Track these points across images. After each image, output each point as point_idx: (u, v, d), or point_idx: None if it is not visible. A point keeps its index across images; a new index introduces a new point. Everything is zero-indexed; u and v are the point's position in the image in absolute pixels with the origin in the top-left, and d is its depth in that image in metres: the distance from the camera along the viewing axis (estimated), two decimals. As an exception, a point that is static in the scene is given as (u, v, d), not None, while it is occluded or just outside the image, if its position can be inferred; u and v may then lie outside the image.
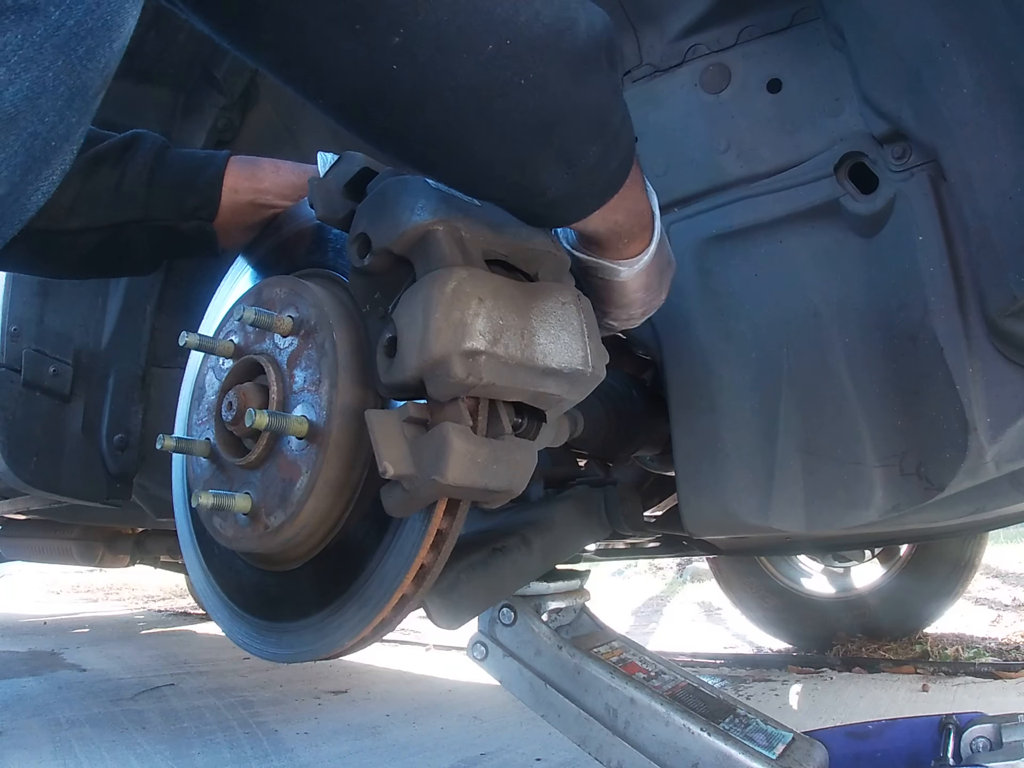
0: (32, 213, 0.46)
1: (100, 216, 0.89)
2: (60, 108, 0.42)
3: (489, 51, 0.51)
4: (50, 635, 3.49)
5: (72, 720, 1.83)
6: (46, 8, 0.39)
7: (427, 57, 0.50)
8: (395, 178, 0.71)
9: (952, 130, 0.81)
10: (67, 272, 1.00)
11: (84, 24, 0.41)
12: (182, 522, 0.96)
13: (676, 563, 5.20)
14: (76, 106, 0.43)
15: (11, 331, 1.42)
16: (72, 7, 0.40)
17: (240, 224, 0.94)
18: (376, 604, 0.71)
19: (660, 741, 0.84)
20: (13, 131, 0.41)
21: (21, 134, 0.41)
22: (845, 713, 1.85)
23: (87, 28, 0.41)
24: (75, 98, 0.43)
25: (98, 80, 0.44)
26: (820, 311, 0.92)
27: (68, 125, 0.43)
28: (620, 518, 1.10)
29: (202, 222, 0.92)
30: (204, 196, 0.91)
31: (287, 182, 0.93)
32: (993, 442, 0.82)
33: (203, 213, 0.92)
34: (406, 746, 1.66)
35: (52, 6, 0.39)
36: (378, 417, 0.64)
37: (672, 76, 1.02)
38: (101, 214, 0.89)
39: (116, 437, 1.54)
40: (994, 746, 0.82)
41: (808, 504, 0.93)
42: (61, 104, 0.42)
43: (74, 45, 0.41)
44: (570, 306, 0.70)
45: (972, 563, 2.53)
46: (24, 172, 0.42)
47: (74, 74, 0.42)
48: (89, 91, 0.43)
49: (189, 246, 0.95)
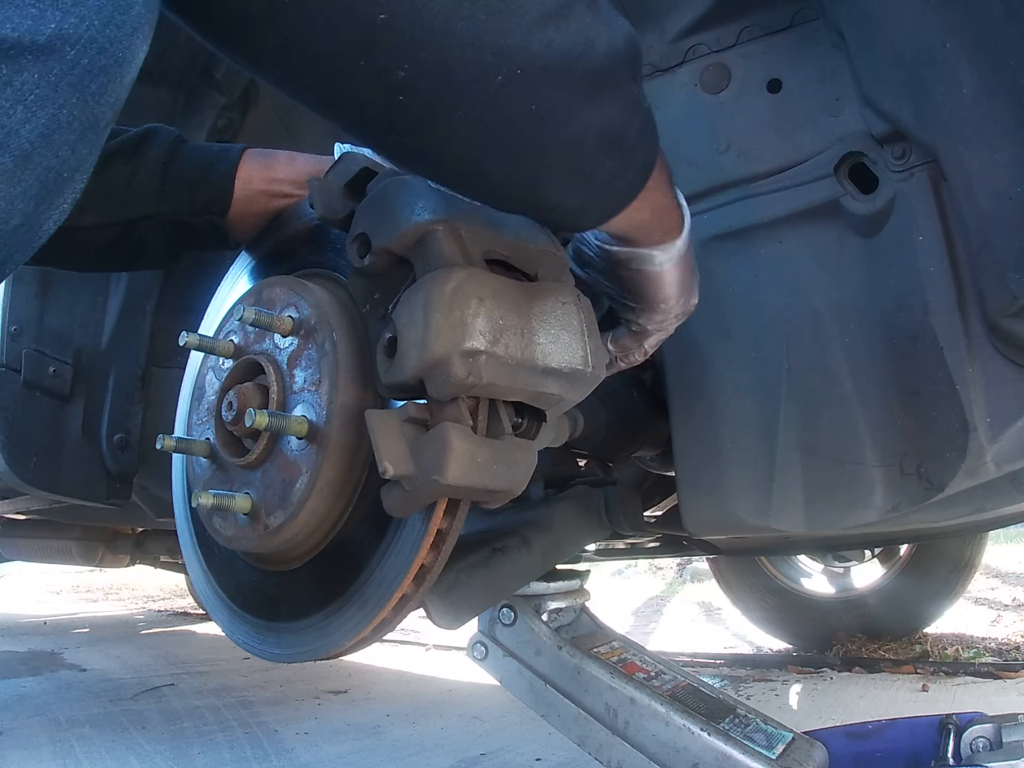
0: (44, 240, 0.47)
1: (113, 212, 0.89)
2: (73, 142, 0.43)
3: (498, 82, 0.50)
4: (50, 635, 3.49)
5: (72, 720, 1.83)
6: (62, 48, 0.40)
7: (434, 89, 0.49)
8: (395, 178, 0.71)
9: (952, 130, 0.81)
10: (85, 266, 1.01)
11: (97, 62, 0.42)
12: (182, 522, 0.96)
13: (676, 563, 5.20)
14: (88, 139, 0.44)
15: (11, 331, 1.41)
16: (87, 46, 0.41)
17: (254, 214, 0.94)
18: (376, 604, 0.71)
19: (660, 741, 0.84)
20: (29, 167, 0.42)
21: (36, 169, 0.42)
22: (845, 713, 1.85)
23: (100, 66, 0.42)
24: (87, 132, 0.44)
25: (109, 113, 0.45)
26: (820, 311, 0.92)
27: (80, 157, 0.44)
28: (620, 518, 1.10)
29: (214, 216, 0.92)
30: (216, 191, 0.92)
31: (302, 171, 0.94)
32: (993, 442, 0.82)
33: (215, 208, 0.92)
34: (406, 746, 1.66)
35: (68, 45, 0.40)
36: (378, 417, 0.64)
37: (672, 76, 1.02)
38: (114, 210, 0.89)
39: (116, 437, 1.54)
40: (994, 746, 0.82)
41: (808, 504, 0.93)
42: (74, 138, 0.43)
43: (87, 82, 0.42)
44: (570, 306, 0.70)
45: (972, 563, 2.53)
46: (37, 203, 0.43)
47: (87, 110, 0.43)
48: (100, 124, 0.44)
49: (203, 240, 0.96)
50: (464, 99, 0.50)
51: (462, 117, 0.51)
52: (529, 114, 0.52)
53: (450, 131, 0.53)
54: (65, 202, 0.46)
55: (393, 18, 0.46)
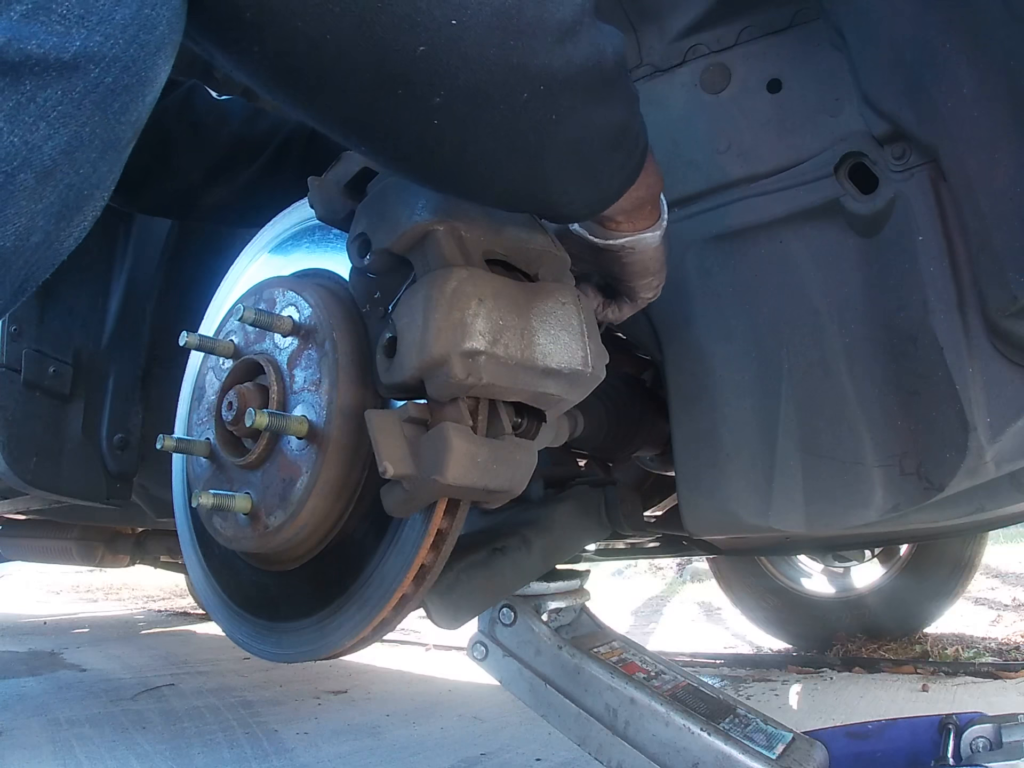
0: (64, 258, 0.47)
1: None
2: (94, 160, 0.43)
3: (524, 99, 0.53)
4: (50, 635, 3.49)
5: (72, 720, 1.83)
6: (86, 66, 0.40)
7: (466, 112, 0.52)
8: (395, 178, 0.71)
9: (952, 130, 0.81)
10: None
11: (120, 81, 0.42)
12: (182, 522, 0.96)
13: (676, 563, 5.20)
14: (109, 158, 0.44)
15: (11, 331, 1.41)
16: (111, 65, 0.41)
17: None
18: (376, 604, 0.71)
19: (660, 741, 0.84)
20: (50, 183, 0.42)
21: (58, 186, 0.42)
22: (845, 713, 1.85)
23: (123, 85, 0.42)
24: (108, 150, 0.44)
25: (129, 132, 0.45)
26: (820, 311, 0.92)
27: (100, 175, 0.45)
28: (620, 518, 1.10)
29: None
30: None
31: None
32: (993, 442, 0.82)
33: None
34: (406, 746, 1.66)
35: (92, 64, 0.41)
36: (378, 417, 0.64)
37: (672, 76, 1.02)
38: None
39: (116, 437, 1.54)
40: (994, 746, 0.82)
41: (808, 504, 0.93)
42: (95, 156, 0.43)
43: (110, 101, 0.42)
44: (570, 306, 0.70)
45: (972, 563, 2.53)
46: (58, 221, 0.44)
47: (109, 128, 0.43)
48: (121, 143, 0.45)
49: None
50: (494, 117, 0.53)
51: (489, 133, 0.54)
52: (551, 123, 0.55)
53: (477, 147, 0.55)
54: (85, 220, 0.46)
55: (432, 49, 0.48)
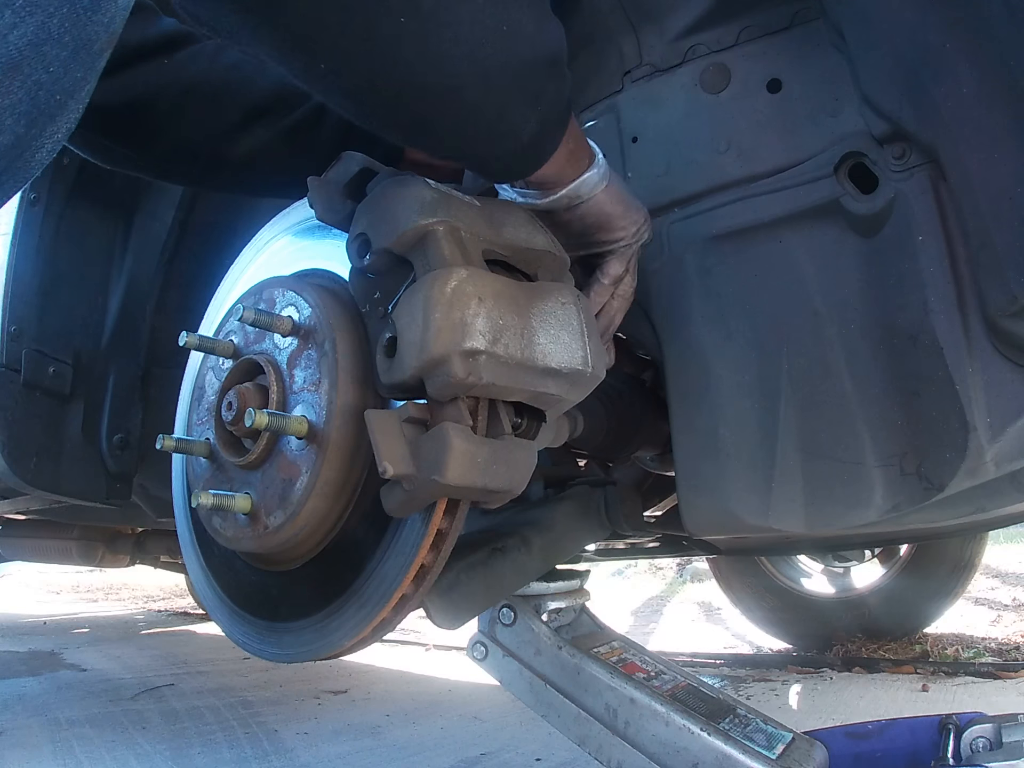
0: (37, 172, 0.46)
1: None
2: (65, 59, 0.42)
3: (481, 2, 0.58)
4: (50, 635, 3.49)
5: (72, 720, 1.83)
6: None
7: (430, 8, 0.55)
8: (395, 178, 0.71)
9: (952, 130, 0.81)
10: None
11: None
12: (182, 522, 0.96)
13: (676, 563, 5.19)
14: (81, 59, 0.43)
15: (11, 331, 1.41)
16: None
17: None
18: (376, 604, 0.71)
19: (660, 741, 0.84)
20: (18, 77, 0.40)
21: (26, 81, 0.41)
22: (845, 713, 1.85)
23: None
24: (80, 51, 0.43)
25: (103, 35, 0.43)
26: (820, 311, 0.92)
27: (73, 79, 0.43)
28: (620, 518, 1.10)
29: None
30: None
31: None
32: (993, 442, 0.82)
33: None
34: (406, 746, 1.66)
35: None
36: (378, 417, 0.64)
37: (672, 76, 1.02)
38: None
39: (116, 437, 1.54)
40: (994, 746, 0.81)
41: (808, 504, 0.92)
42: (66, 55, 0.42)
43: None
44: (570, 306, 0.70)
45: (972, 563, 2.53)
46: (29, 124, 0.42)
47: (79, 24, 0.42)
48: (94, 46, 0.43)
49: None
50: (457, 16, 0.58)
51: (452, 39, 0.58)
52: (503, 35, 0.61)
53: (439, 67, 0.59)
54: (59, 131, 0.45)
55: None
